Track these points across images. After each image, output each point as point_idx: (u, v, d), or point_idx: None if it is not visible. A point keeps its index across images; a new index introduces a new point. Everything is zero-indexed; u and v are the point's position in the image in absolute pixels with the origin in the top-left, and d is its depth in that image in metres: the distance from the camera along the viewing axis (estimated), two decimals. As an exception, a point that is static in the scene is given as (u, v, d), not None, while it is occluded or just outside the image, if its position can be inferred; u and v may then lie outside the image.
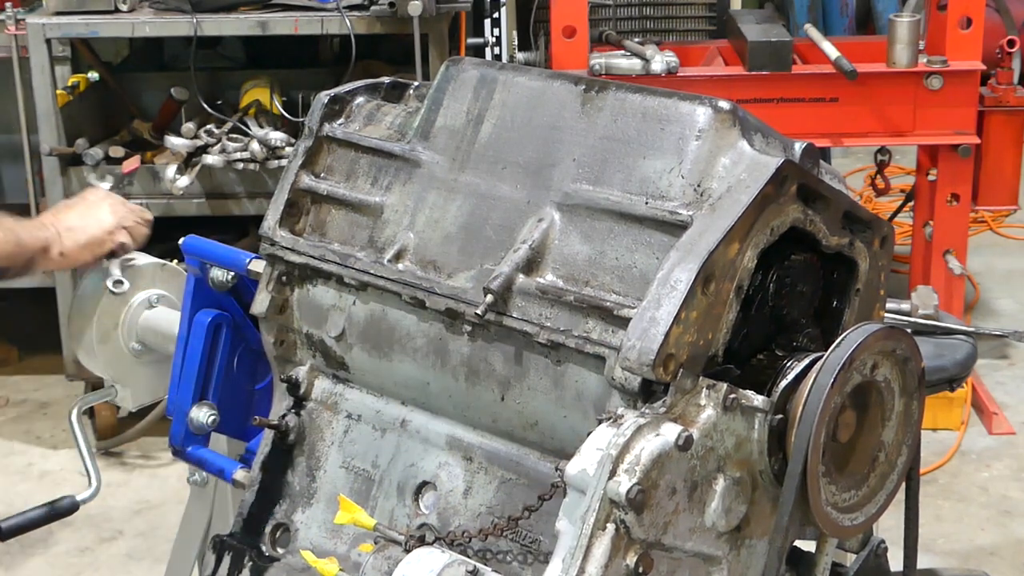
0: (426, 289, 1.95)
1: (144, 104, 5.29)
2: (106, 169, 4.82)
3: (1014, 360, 5.41)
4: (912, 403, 1.87)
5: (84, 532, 4.35)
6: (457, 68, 2.06)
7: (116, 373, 2.69)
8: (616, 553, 1.64)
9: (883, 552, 1.99)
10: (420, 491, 2.01)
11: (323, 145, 2.15)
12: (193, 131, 4.77)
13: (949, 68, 4.72)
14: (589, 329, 1.80)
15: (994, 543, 4.27)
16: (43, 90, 4.77)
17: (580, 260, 1.86)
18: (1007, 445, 4.82)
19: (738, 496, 1.75)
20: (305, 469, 2.15)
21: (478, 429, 1.98)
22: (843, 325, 1.92)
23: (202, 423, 2.45)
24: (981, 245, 6.32)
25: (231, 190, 4.82)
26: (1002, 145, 4.89)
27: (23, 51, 4.82)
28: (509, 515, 1.86)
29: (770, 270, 1.84)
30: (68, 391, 5.00)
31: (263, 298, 2.16)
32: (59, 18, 4.76)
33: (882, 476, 1.87)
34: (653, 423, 1.66)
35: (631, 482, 1.62)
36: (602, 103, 1.91)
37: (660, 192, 1.81)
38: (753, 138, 1.83)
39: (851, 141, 5.15)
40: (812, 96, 4.76)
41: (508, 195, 1.94)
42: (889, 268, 1.97)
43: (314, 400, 2.16)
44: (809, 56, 4.99)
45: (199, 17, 4.68)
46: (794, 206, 1.80)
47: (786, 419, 1.76)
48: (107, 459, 4.75)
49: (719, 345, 1.76)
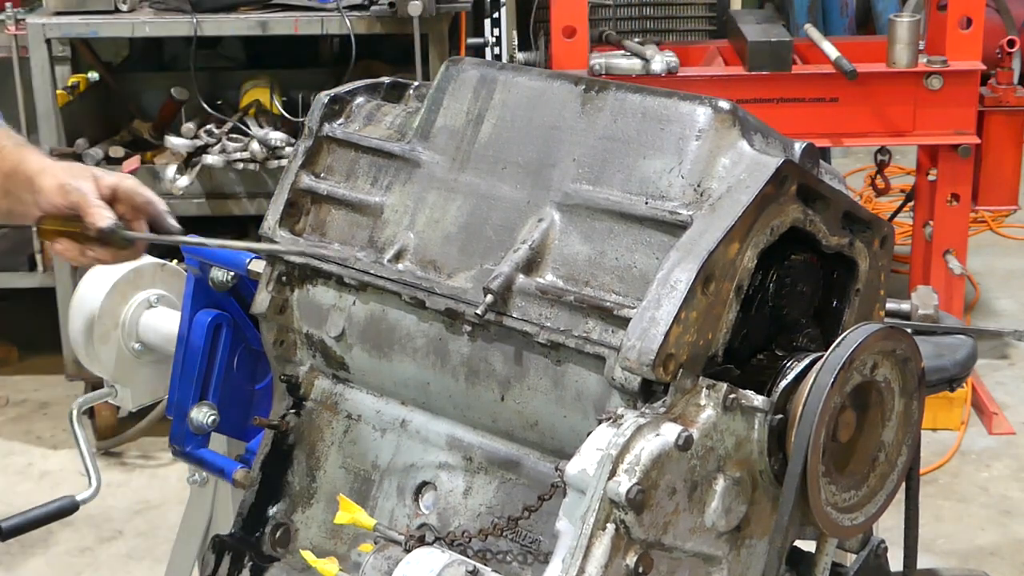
0: (426, 289, 1.95)
1: (144, 104, 5.29)
2: (106, 169, 4.81)
3: (1014, 360, 5.41)
4: (912, 403, 1.87)
5: (84, 532, 4.35)
6: (457, 68, 2.06)
7: (116, 373, 2.69)
8: (616, 553, 1.64)
9: (883, 552, 1.99)
10: (420, 491, 2.01)
11: (323, 145, 2.15)
12: (193, 131, 4.77)
13: (949, 68, 4.72)
14: (589, 329, 1.80)
15: (994, 543, 4.27)
16: (43, 90, 4.77)
17: (580, 260, 1.86)
18: (1007, 445, 4.82)
19: (738, 496, 1.75)
20: (305, 469, 2.15)
21: (478, 429, 1.98)
22: (843, 325, 1.92)
23: (202, 423, 2.45)
24: (981, 245, 6.32)
25: (231, 190, 4.82)
26: (1002, 145, 4.89)
27: (23, 51, 4.82)
28: (509, 515, 1.86)
29: (770, 270, 1.84)
30: (68, 391, 5.00)
31: (263, 298, 2.16)
32: (59, 18, 4.76)
33: (882, 476, 1.86)
34: (653, 423, 1.66)
35: (631, 482, 1.62)
36: (602, 103, 1.91)
37: (660, 192, 1.81)
38: (753, 138, 1.83)
39: (851, 141, 5.15)
40: (812, 96, 4.76)
41: (508, 195, 1.94)
42: (889, 268, 1.97)
43: (314, 400, 2.16)
44: (809, 56, 4.99)
45: (199, 17, 4.68)
46: (794, 206, 1.80)
47: (786, 419, 1.76)
48: (107, 459, 4.75)
49: (719, 345, 1.76)
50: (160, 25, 4.77)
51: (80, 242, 2.09)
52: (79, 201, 2.07)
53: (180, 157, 4.75)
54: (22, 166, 2.14)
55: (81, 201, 2.07)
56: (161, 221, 2.12)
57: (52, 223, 2.10)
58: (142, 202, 2.11)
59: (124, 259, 2.17)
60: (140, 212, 2.12)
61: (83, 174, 2.11)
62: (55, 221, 2.10)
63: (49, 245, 2.16)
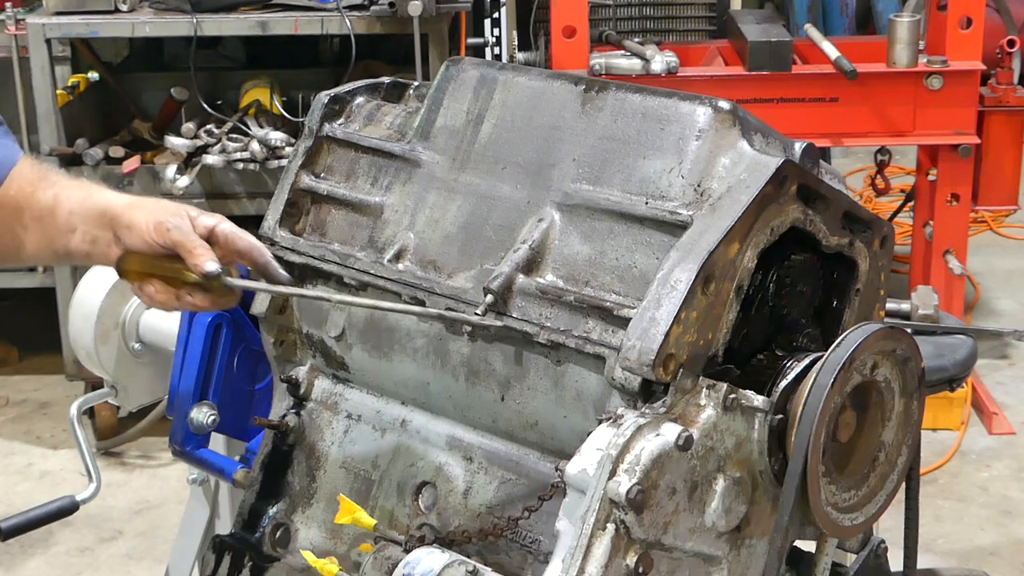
0: (426, 289, 1.95)
1: (144, 104, 5.30)
2: (106, 169, 4.82)
3: (1014, 360, 5.41)
4: (912, 403, 1.87)
5: (84, 532, 4.35)
6: (457, 68, 2.06)
7: (116, 373, 2.69)
8: (616, 553, 1.64)
9: (883, 552, 1.99)
10: (420, 491, 2.01)
11: (323, 145, 2.15)
12: (193, 131, 4.77)
13: (949, 68, 4.73)
14: (589, 329, 1.80)
15: (994, 543, 4.28)
16: (43, 90, 4.77)
17: (580, 260, 1.86)
18: (1007, 445, 4.82)
19: (738, 496, 1.75)
20: (305, 469, 2.15)
21: (478, 429, 1.98)
22: (843, 325, 1.92)
23: (202, 423, 2.45)
24: (981, 245, 6.32)
25: (231, 190, 4.82)
26: (1002, 145, 4.90)
27: (23, 51, 4.83)
28: (509, 515, 1.86)
29: (770, 270, 1.84)
30: (68, 391, 5.00)
31: (263, 298, 2.16)
32: (59, 18, 4.76)
33: (882, 476, 1.86)
34: (653, 423, 1.66)
35: (631, 482, 1.62)
36: (602, 103, 1.91)
37: (660, 192, 1.81)
38: (753, 138, 1.83)
39: (851, 141, 5.16)
40: (812, 96, 4.76)
41: (508, 195, 1.94)
42: (889, 268, 1.97)
43: (314, 400, 2.16)
44: (809, 56, 4.99)
45: (199, 17, 4.69)
46: (794, 206, 1.80)
47: (786, 419, 1.76)
48: (107, 459, 4.76)
49: (719, 345, 1.76)
50: (160, 25, 4.77)
51: (175, 286, 1.90)
52: (181, 241, 1.89)
53: (180, 157, 4.76)
54: (91, 200, 1.96)
55: (184, 241, 1.89)
56: (269, 270, 1.96)
57: (141, 263, 1.91)
58: (244, 247, 1.94)
59: (221, 307, 1.98)
60: (241, 257, 1.95)
61: (179, 211, 1.93)
62: (143, 261, 1.91)
63: (135, 287, 1.95)
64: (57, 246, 1.99)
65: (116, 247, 1.93)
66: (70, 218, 1.96)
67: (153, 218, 1.91)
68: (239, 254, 1.95)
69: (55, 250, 2.00)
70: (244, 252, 1.95)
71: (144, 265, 1.91)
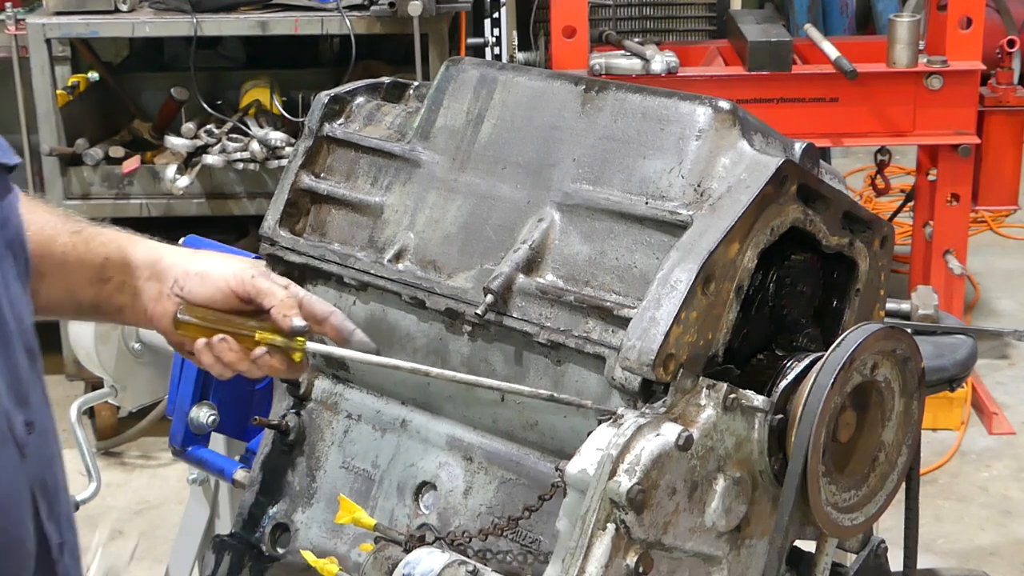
0: (426, 289, 1.95)
1: (144, 104, 5.30)
2: (106, 169, 4.83)
3: (1014, 360, 5.41)
4: (912, 403, 1.87)
5: (84, 532, 4.34)
6: (457, 68, 2.06)
7: (116, 373, 2.69)
8: (616, 553, 1.64)
9: (883, 552, 1.99)
10: (420, 491, 2.01)
11: (323, 145, 2.15)
12: (193, 131, 4.77)
13: (949, 68, 4.73)
14: (589, 329, 1.80)
15: (994, 543, 4.28)
16: (43, 90, 4.77)
17: (580, 260, 1.86)
18: (1007, 445, 4.82)
19: (738, 496, 1.75)
20: (305, 469, 2.15)
21: (478, 429, 1.97)
22: (843, 325, 1.92)
23: (202, 423, 2.45)
24: (981, 245, 6.33)
25: (231, 190, 4.82)
26: (1002, 145, 4.90)
27: (23, 51, 4.83)
28: (509, 515, 1.86)
29: (770, 270, 1.84)
30: (68, 391, 5.00)
31: (263, 298, 2.16)
32: (59, 18, 4.76)
33: (882, 476, 1.86)
34: (653, 423, 1.66)
35: (631, 482, 1.62)
36: (602, 103, 1.91)
37: (660, 192, 1.81)
38: (753, 138, 1.83)
39: (851, 141, 5.16)
40: (812, 96, 4.76)
41: (508, 195, 1.94)
42: (889, 268, 1.97)
43: (314, 400, 2.16)
44: (809, 56, 4.99)
45: (199, 17, 4.69)
46: (794, 206, 1.80)
47: (786, 419, 1.75)
48: (107, 459, 4.75)
49: (719, 345, 1.76)
50: (160, 25, 4.77)
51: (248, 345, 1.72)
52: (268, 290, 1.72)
53: (180, 157, 4.76)
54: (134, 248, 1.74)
55: (268, 292, 1.72)
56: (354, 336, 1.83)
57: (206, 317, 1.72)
58: (322, 311, 1.81)
59: (291, 375, 1.82)
60: (319, 324, 1.81)
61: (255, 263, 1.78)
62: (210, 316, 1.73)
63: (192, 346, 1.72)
64: (82, 298, 1.75)
65: (168, 301, 1.74)
66: (104, 266, 1.71)
67: (230, 266, 1.74)
68: (316, 319, 1.79)
69: (79, 302, 1.76)
70: (320, 316, 1.81)
71: (211, 319, 1.73)
